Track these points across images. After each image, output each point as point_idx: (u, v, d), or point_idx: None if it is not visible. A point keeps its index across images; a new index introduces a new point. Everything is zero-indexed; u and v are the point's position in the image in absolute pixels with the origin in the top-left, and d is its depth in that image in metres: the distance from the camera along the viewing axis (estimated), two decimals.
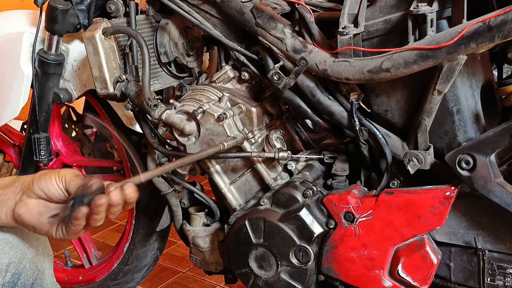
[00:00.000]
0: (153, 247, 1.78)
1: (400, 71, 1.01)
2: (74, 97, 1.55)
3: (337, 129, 1.24)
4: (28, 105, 1.54)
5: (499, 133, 0.98)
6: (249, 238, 1.20)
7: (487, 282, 1.08)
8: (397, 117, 1.12)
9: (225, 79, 1.31)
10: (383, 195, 1.10)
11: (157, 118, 1.26)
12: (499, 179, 1.01)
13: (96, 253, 1.89)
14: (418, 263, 1.08)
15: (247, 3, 1.22)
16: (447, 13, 1.03)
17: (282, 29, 1.16)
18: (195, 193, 1.41)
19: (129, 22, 1.33)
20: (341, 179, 1.19)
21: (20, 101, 1.51)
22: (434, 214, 1.05)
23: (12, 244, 0.99)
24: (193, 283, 2.12)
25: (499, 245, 1.07)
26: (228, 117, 1.21)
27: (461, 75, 1.03)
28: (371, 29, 1.07)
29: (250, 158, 1.25)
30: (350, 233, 1.13)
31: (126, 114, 1.56)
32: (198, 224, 1.43)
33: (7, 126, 1.77)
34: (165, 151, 1.32)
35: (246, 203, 1.31)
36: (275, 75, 1.16)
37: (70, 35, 1.49)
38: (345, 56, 1.07)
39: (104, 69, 1.28)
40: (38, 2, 1.40)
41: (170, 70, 1.40)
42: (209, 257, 1.41)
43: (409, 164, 1.06)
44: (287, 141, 1.32)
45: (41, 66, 1.47)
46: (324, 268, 1.17)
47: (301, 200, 1.16)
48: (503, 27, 0.90)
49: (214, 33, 1.27)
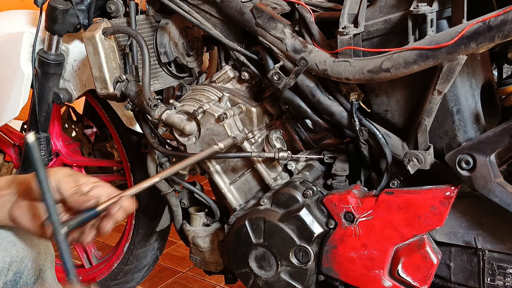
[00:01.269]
0: (153, 247, 1.78)
1: (400, 71, 1.01)
2: (74, 97, 1.55)
3: (337, 129, 1.24)
4: (28, 105, 1.54)
5: (499, 133, 0.98)
6: (249, 238, 1.20)
7: (487, 282, 1.08)
8: (397, 117, 1.12)
9: (225, 79, 1.31)
10: (383, 195, 1.10)
11: (157, 118, 1.26)
12: (499, 179, 1.01)
13: (96, 253, 1.89)
14: (418, 263, 1.08)
15: (247, 3, 1.22)
16: (447, 13, 1.03)
17: (282, 29, 1.16)
18: (195, 193, 1.41)
19: (129, 22, 1.33)
20: (341, 179, 1.19)
21: (20, 101, 1.51)
22: (434, 214, 1.05)
23: (14, 243, 0.98)
24: (193, 283, 2.12)
25: (499, 245, 1.07)
26: (228, 117, 1.21)
27: (461, 75, 1.03)
28: (371, 29, 1.07)
29: (250, 158, 1.25)
30: (350, 233, 1.13)
31: (126, 114, 1.56)
32: (198, 224, 1.43)
33: (7, 126, 1.77)
34: (165, 151, 1.32)
35: (246, 203, 1.31)
36: (275, 75, 1.16)
37: (70, 35, 1.49)
38: (345, 56, 1.07)
39: (104, 69, 1.28)
40: (38, 2, 1.40)
41: (170, 70, 1.40)
42: (209, 257, 1.41)
43: (409, 164, 1.06)
44: (287, 141, 1.32)
45: (41, 66, 1.47)
46: (324, 268, 1.17)
47: (301, 200, 1.16)
48: (503, 27, 0.90)
49: (214, 33, 1.27)
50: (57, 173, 0.89)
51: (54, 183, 0.88)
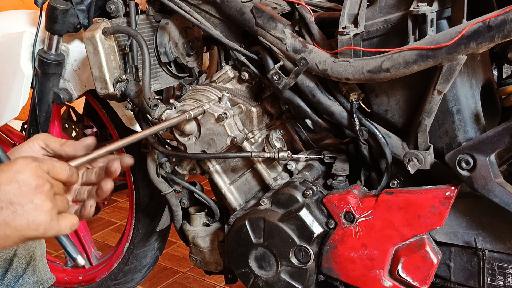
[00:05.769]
0: (153, 247, 1.78)
1: (400, 71, 1.01)
2: (74, 97, 1.55)
3: (337, 129, 1.24)
4: (28, 105, 1.55)
5: (499, 133, 0.98)
6: (249, 238, 1.20)
7: (487, 282, 1.08)
8: (397, 117, 1.12)
9: (225, 79, 1.31)
10: (383, 195, 1.10)
11: (157, 118, 1.26)
12: (499, 179, 1.01)
13: (96, 253, 1.89)
14: (418, 263, 1.08)
15: (247, 3, 1.22)
16: (447, 13, 1.03)
17: (282, 29, 1.16)
18: (195, 193, 1.41)
19: (129, 22, 1.33)
20: (341, 179, 1.19)
21: (20, 101, 1.51)
22: (434, 214, 1.05)
23: None
24: (193, 283, 2.12)
25: (499, 245, 1.07)
26: (228, 117, 1.22)
27: (461, 75, 1.03)
28: (371, 29, 1.07)
29: (250, 158, 1.25)
30: (350, 233, 1.13)
31: (126, 114, 1.56)
32: (198, 224, 1.43)
33: (7, 126, 1.77)
34: (165, 151, 1.32)
35: (246, 203, 1.31)
36: (275, 75, 1.16)
37: (70, 35, 1.49)
38: (345, 56, 1.07)
39: (104, 69, 1.28)
40: (38, 2, 1.40)
41: (170, 70, 1.40)
42: (209, 257, 1.41)
43: (409, 164, 1.06)
44: (287, 141, 1.32)
45: (41, 66, 1.47)
46: (324, 268, 1.17)
47: (301, 200, 1.16)
48: (503, 27, 0.90)
49: (214, 33, 1.27)
50: (40, 136, 0.91)
51: (42, 143, 0.90)
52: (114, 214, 2.76)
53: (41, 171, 0.78)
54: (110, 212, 2.77)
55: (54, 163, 0.82)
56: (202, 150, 1.27)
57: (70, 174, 0.83)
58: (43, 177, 0.78)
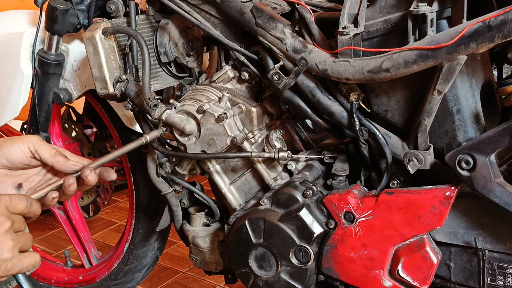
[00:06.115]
0: (153, 247, 1.78)
1: (400, 71, 1.01)
2: (74, 97, 1.55)
3: (337, 129, 1.24)
4: (28, 105, 1.55)
5: (499, 133, 0.98)
6: (249, 238, 1.20)
7: (487, 282, 1.08)
8: (397, 117, 1.12)
9: (225, 79, 1.31)
10: (383, 195, 1.10)
11: (157, 118, 1.26)
12: (499, 179, 1.01)
13: (96, 253, 1.89)
14: (418, 263, 1.08)
15: (247, 3, 1.22)
16: (447, 13, 1.03)
17: (282, 29, 1.16)
18: (195, 193, 1.41)
19: (129, 22, 1.33)
20: (341, 179, 1.19)
21: (20, 101, 1.51)
22: (434, 214, 1.05)
23: None
24: (193, 283, 2.12)
25: (499, 245, 1.07)
26: (228, 117, 1.22)
27: (461, 75, 1.03)
28: (371, 29, 1.07)
29: (250, 158, 1.25)
30: (350, 233, 1.13)
31: (126, 114, 1.56)
32: (198, 224, 1.43)
33: (7, 126, 1.77)
34: (165, 151, 1.32)
35: (246, 203, 1.31)
36: (275, 75, 1.16)
37: (70, 35, 1.49)
38: (345, 56, 1.07)
39: (104, 69, 1.28)
40: (38, 2, 1.40)
41: (170, 70, 1.40)
42: (209, 257, 1.41)
43: (409, 164, 1.06)
44: (287, 141, 1.32)
45: (41, 66, 1.47)
46: (324, 268, 1.17)
47: (301, 200, 1.16)
48: (503, 27, 0.90)
49: (214, 33, 1.27)
50: (31, 139, 0.90)
51: (32, 147, 0.89)
52: (114, 214, 2.76)
53: (0, 209, 0.77)
54: (110, 212, 2.77)
55: (10, 197, 0.80)
56: (202, 150, 1.27)
57: (29, 205, 0.82)
58: (3, 214, 0.77)
